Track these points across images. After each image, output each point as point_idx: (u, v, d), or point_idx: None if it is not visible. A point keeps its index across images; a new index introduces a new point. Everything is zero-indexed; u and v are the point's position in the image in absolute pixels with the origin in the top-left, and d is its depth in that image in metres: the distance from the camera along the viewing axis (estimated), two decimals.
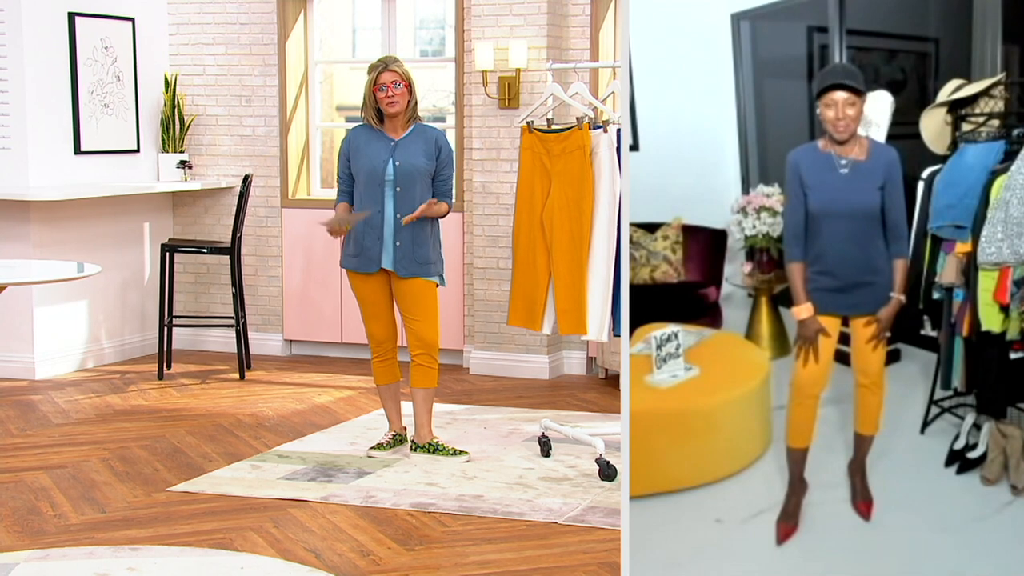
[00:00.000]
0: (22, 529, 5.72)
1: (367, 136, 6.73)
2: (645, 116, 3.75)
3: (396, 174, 6.64)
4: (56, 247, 8.95)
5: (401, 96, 6.63)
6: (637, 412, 3.72)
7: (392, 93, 6.61)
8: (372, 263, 6.69)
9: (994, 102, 3.50)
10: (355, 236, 6.71)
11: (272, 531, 5.69)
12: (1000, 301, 3.48)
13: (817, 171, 3.66)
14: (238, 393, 8.52)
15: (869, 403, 3.69)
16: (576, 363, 9.22)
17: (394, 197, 6.65)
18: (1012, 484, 3.51)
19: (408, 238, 6.65)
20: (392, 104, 6.62)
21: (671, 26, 3.73)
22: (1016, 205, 3.42)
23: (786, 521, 3.71)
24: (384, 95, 6.62)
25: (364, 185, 6.68)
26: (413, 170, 6.65)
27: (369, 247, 6.68)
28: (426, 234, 6.71)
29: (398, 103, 6.63)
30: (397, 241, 6.65)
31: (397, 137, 6.71)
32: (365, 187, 6.67)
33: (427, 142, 6.70)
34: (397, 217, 6.64)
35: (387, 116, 6.69)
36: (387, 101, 6.62)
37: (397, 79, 6.62)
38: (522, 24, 8.91)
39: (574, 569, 5.25)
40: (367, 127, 6.76)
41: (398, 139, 6.70)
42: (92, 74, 9.34)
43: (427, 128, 6.76)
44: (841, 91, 3.58)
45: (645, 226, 3.91)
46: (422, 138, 6.71)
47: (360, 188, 6.69)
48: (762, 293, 3.92)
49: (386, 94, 6.61)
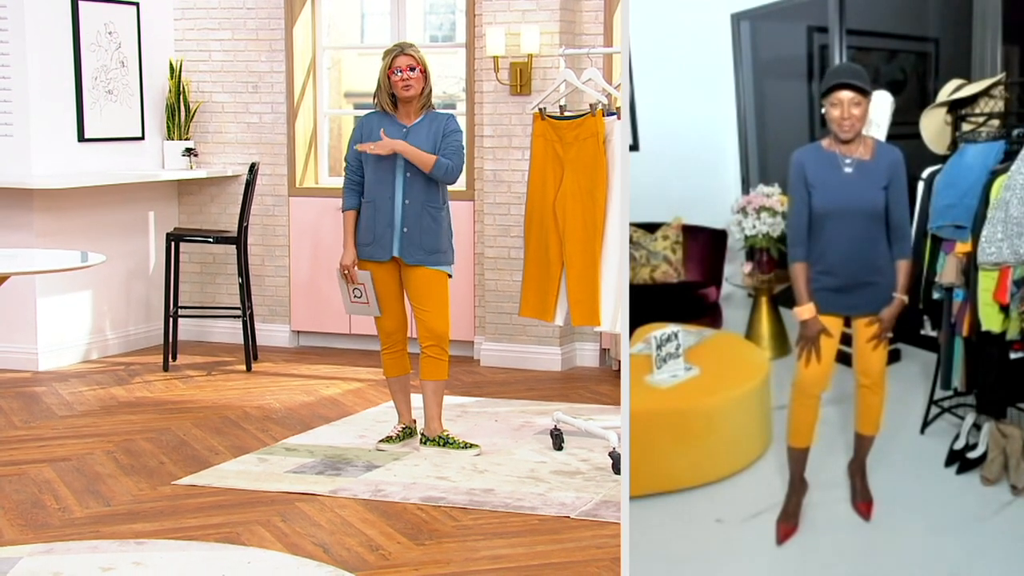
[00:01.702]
0: (26, 523, 5.74)
1: (380, 122, 6.71)
2: (645, 116, 3.75)
3: (406, 160, 6.61)
4: (59, 236, 8.96)
5: (416, 81, 6.61)
6: (637, 412, 3.72)
7: (407, 77, 6.59)
8: (384, 251, 6.68)
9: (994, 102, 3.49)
10: (367, 225, 6.70)
11: (279, 525, 5.70)
12: (1000, 301, 3.47)
13: (821, 170, 3.66)
14: (245, 385, 8.53)
15: (870, 403, 3.68)
16: (589, 355, 9.21)
17: (404, 183, 6.64)
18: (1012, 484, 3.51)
19: (416, 225, 6.64)
20: (407, 88, 6.61)
21: (671, 26, 3.72)
22: (1016, 205, 3.41)
23: (786, 521, 3.72)
24: (399, 79, 6.60)
25: (374, 171, 6.67)
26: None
27: (382, 234, 6.67)
28: (435, 222, 6.68)
29: (413, 87, 6.61)
30: (404, 227, 6.64)
31: (409, 123, 6.69)
32: (375, 172, 6.67)
33: (436, 128, 6.67)
34: (406, 203, 6.63)
35: (401, 101, 6.67)
36: (402, 85, 6.60)
37: (413, 63, 6.61)
38: (534, 9, 8.89)
39: (587, 564, 5.24)
40: (380, 113, 6.75)
41: (410, 125, 6.69)
42: (96, 60, 9.33)
43: (439, 115, 6.74)
44: (847, 90, 3.58)
45: (645, 226, 3.90)
46: (433, 125, 6.68)
47: (370, 173, 6.69)
48: (762, 293, 3.91)
49: (401, 78, 6.60)
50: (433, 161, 6.59)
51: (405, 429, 6.95)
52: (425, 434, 6.87)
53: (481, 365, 9.16)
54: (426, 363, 6.79)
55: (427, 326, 6.75)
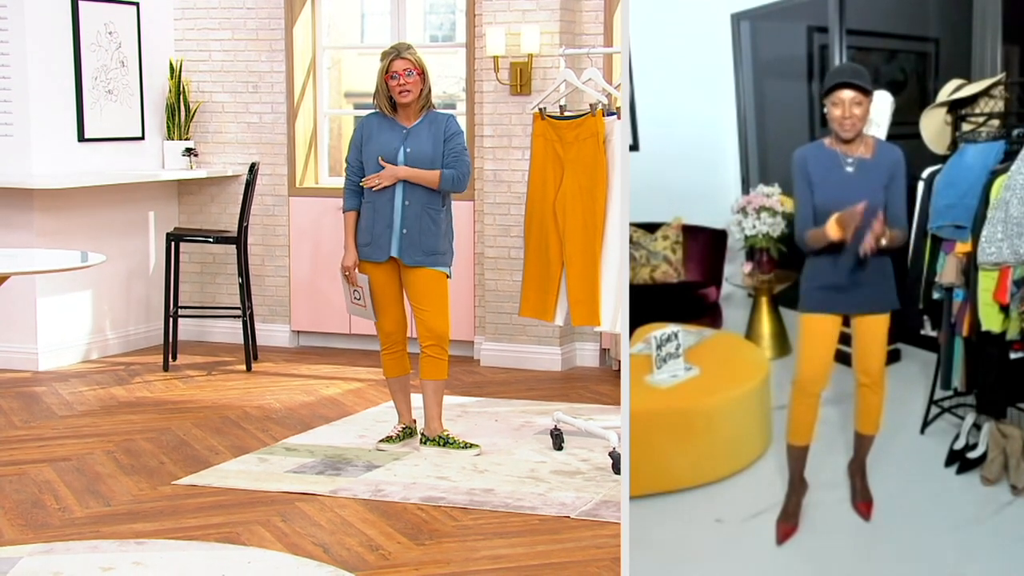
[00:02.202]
0: (26, 523, 5.73)
1: (380, 124, 6.71)
2: (645, 116, 3.75)
3: (407, 161, 6.61)
4: (59, 236, 8.95)
5: (414, 85, 6.59)
6: (637, 412, 3.72)
7: (404, 82, 6.57)
8: (382, 251, 6.67)
9: (994, 102, 3.49)
10: (365, 226, 6.69)
11: (280, 525, 5.70)
12: (1000, 301, 3.47)
13: (823, 168, 3.66)
14: (245, 385, 8.52)
15: (870, 403, 3.69)
16: (589, 355, 9.20)
17: (404, 185, 6.62)
18: (1012, 484, 3.51)
19: (415, 226, 6.62)
20: (404, 93, 6.59)
21: (671, 26, 3.72)
22: (1016, 205, 3.41)
23: (786, 521, 3.72)
24: (396, 83, 6.58)
25: (375, 172, 6.65)
26: (424, 157, 6.61)
27: (379, 235, 6.65)
28: (435, 224, 6.67)
29: (411, 92, 6.59)
30: (404, 228, 6.63)
31: (409, 125, 6.68)
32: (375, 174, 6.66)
33: (437, 129, 6.66)
34: (406, 204, 6.61)
35: (399, 105, 6.66)
36: (399, 90, 6.58)
37: (410, 67, 6.58)
38: (534, 8, 8.89)
39: (587, 564, 5.24)
40: (380, 114, 6.73)
41: (410, 127, 6.67)
42: (96, 60, 9.33)
43: (439, 115, 6.72)
44: (848, 90, 3.58)
45: (645, 226, 3.91)
46: (433, 125, 6.67)
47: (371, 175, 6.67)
48: (762, 293, 3.91)
49: (398, 82, 6.58)
50: (437, 177, 6.59)
51: (405, 429, 6.95)
52: (425, 434, 6.86)
53: (481, 365, 9.16)
54: (426, 363, 6.78)
55: (427, 326, 6.74)
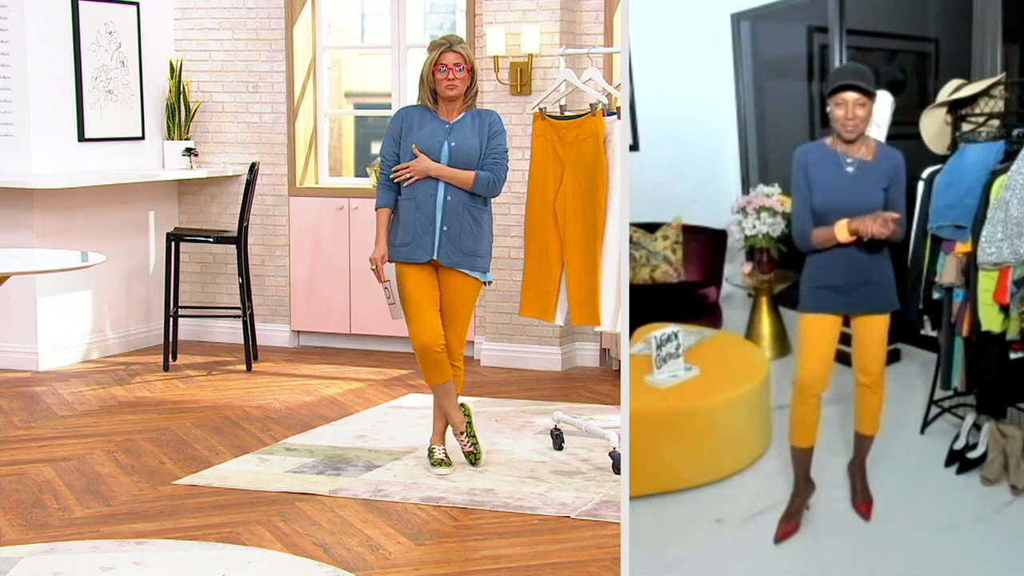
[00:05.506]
0: (26, 522, 5.74)
1: (421, 116, 6.43)
2: (645, 116, 3.75)
3: (451, 156, 6.34)
4: (60, 236, 8.96)
5: (462, 81, 6.32)
6: (637, 412, 3.73)
7: (453, 76, 6.28)
8: (423, 251, 6.37)
9: (994, 102, 3.49)
10: (404, 224, 6.40)
11: (280, 525, 5.70)
12: (1000, 301, 3.47)
13: (823, 168, 3.66)
14: (245, 385, 8.52)
15: (870, 403, 3.69)
16: (589, 355, 9.21)
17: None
18: (1012, 484, 3.51)
19: (457, 224, 6.34)
20: (451, 87, 6.30)
21: (671, 26, 3.72)
22: (1016, 205, 3.41)
23: (787, 521, 3.72)
24: (444, 76, 6.29)
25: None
26: (469, 151, 6.35)
27: (422, 234, 6.35)
28: (477, 223, 6.40)
29: (458, 87, 6.32)
30: (445, 226, 6.34)
31: (451, 120, 6.40)
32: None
33: (482, 124, 6.40)
34: (448, 199, 6.34)
35: (442, 99, 6.40)
36: (446, 84, 6.30)
37: (460, 61, 6.30)
38: (534, 8, 8.89)
39: (587, 564, 5.24)
40: (420, 107, 6.45)
41: (452, 122, 6.39)
42: (96, 59, 9.34)
43: (483, 111, 6.46)
44: (852, 91, 3.58)
45: (645, 226, 3.90)
46: (477, 120, 6.41)
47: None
48: (762, 293, 3.91)
49: (447, 76, 6.29)
50: (472, 178, 6.34)
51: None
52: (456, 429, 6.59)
53: (481, 365, 9.16)
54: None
55: (449, 346, 6.50)
